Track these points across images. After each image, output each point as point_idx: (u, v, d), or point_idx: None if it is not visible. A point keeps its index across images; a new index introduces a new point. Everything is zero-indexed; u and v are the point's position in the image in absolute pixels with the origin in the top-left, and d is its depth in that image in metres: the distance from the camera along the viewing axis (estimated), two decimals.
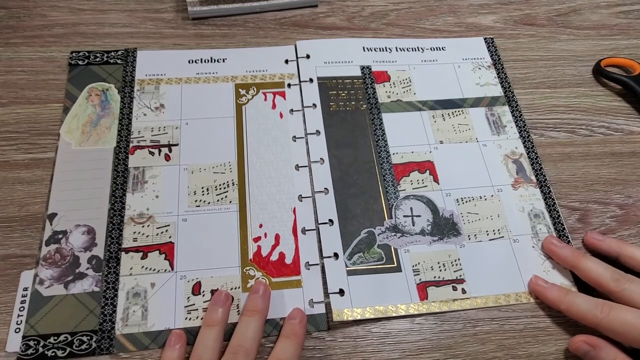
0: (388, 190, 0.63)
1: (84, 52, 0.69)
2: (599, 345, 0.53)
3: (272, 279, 0.56)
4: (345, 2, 0.82)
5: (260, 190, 0.61)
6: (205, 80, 0.69)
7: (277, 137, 0.66)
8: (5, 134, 0.64)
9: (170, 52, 0.71)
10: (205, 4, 0.75)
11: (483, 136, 0.69)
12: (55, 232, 0.56)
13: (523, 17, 0.83)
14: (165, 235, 0.57)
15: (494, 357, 0.55)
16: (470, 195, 0.64)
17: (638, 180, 0.68)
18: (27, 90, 0.67)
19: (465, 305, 0.57)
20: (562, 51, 0.79)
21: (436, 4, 0.83)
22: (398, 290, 0.57)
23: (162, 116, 0.65)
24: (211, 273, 0.56)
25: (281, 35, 0.76)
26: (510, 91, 0.73)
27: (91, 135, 0.63)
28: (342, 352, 0.54)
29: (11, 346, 0.51)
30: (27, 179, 0.61)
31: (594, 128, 0.72)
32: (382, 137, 0.67)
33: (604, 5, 0.86)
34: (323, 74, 0.71)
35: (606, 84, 0.77)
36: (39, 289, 0.53)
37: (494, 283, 0.59)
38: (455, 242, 0.61)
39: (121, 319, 0.53)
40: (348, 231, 0.60)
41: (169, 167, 0.62)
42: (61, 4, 0.76)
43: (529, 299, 0.58)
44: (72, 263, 0.55)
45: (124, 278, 0.55)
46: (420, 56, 0.75)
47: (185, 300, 0.54)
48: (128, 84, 0.67)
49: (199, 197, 0.60)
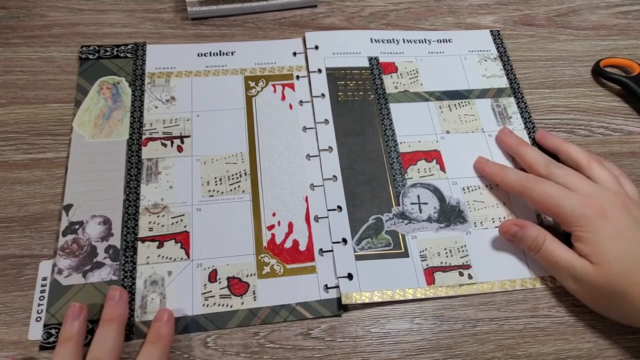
0: (395, 178, 0.67)
1: (94, 47, 0.73)
2: (526, 225, 0.61)
3: (287, 266, 0.61)
4: (344, 2, 0.84)
5: (272, 180, 0.66)
6: (214, 73, 0.73)
7: (287, 127, 0.70)
8: (4, 134, 0.66)
9: (179, 45, 0.75)
10: (204, 4, 0.77)
11: (489, 127, 0.73)
12: (71, 222, 0.61)
13: (522, 17, 0.85)
14: (180, 225, 0.62)
15: (493, 357, 0.57)
16: (476, 184, 0.68)
17: (637, 181, 0.70)
18: (27, 90, 0.70)
19: (471, 290, 0.61)
20: (561, 51, 0.82)
21: (435, 4, 0.86)
22: (405, 275, 0.61)
23: (174, 108, 0.69)
24: (227, 261, 0.60)
25: (280, 36, 0.79)
26: (516, 83, 0.77)
27: (104, 128, 0.67)
28: (341, 352, 0.57)
29: (33, 334, 0.55)
30: (26, 179, 0.64)
31: (593, 128, 0.75)
32: (390, 126, 0.71)
33: (603, 6, 0.88)
34: (331, 64, 0.76)
35: (605, 84, 0.79)
36: (57, 278, 0.57)
37: (499, 269, 0.63)
38: (461, 229, 0.65)
39: (140, 307, 0.57)
40: (356, 217, 0.64)
41: (182, 158, 0.66)
42: (60, 4, 0.78)
43: (534, 284, 0.61)
44: (90, 253, 0.59)
45: (141, 267, 0.59)
46: (427, 48, 0.79)
47: (202, 288, 0.58)
48: (139, 77, 0.71)
49: (212, 187, 0.64)
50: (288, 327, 0.57)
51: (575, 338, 0.59)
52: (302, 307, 0.58)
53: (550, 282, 0.62)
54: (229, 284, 0.59)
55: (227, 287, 0.59)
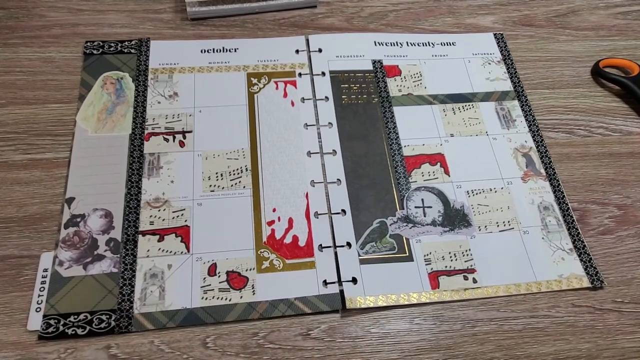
0: (399, 182, 0.69)
1: (98, 42, 0.75)
2: None
3: (287, 261, 0.62)
4: (344, 2, 0.86)
5: (273, 176, 0.68)
6: (217, 70, 0.75)
7: (288, 124, 0.72)
8: (3, 135, 0.68)
9: (183, 42, 0.78)
10: (204, 4, 0.79)
11: (493, 130, 0.74)
12: (73, 215, 0.62)
13: (522, 17, 0.88)
14: (181, 219, 0.64)
15: (493, 357, 0.59)
16: (481, 188, 0.70)
17: (637, 181, 0.72)
18: (26, 90, 0.71)
19: (476, 294, 0.62)
20: (560, 52, 0.84)
21: (435, 4, 0.88)
22: (410, 279, 0.63)
23: (176, 104, 0.72)
24: (226, 255, 0.62)
25: (280, 37, 0.80)
26: (519, 86, 0.79)
27: (107, 123, 0.69)
28: (341, 352, 0.58)
29: (32, 325, 0.56)
30: (25, 179, 0.65)
31: (592, 129, 0.77)
32: (394, 129, 0.73)
33: (603, 6, 0.90)
34: (335, 67, 0.78)
35: (604, 84, 0.81)
36: (58, 270, 0.59)
37: (504, 273, 0.64)
38: (466, 232, 0.66)
39: (139, 299, 0.59)
40: (360, 221, 0.66)
41: (184, 153, 0.68)
42: (60, 4, 0.80)
43: (539, 288, 0.62)
44: (91, 245, 0.61)
45: (141, 260, 0.61)
46: (430, 51, 0.81)
47: (201, 281, 0.60)
48: (142, 72, 0.73)
49: (213, 182, 0.66)
50: (288, 328, 0.59)
51: (574, 338, 0.60)
52: (300, 302, 0.60)
53: (555, 286, 0.63)
54: (228, 277, 0.61)
55: (227, 281, 0.60)
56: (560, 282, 0.63)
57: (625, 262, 0.66)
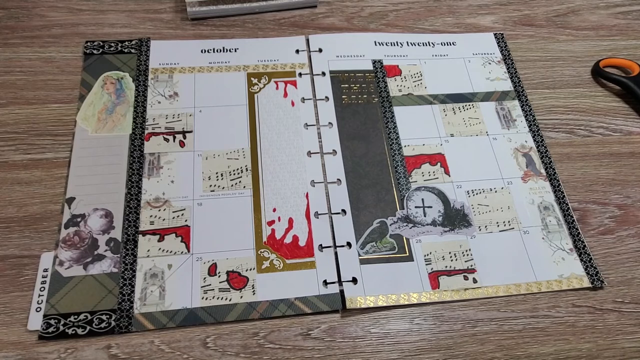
0: (400, 182, 0.70)
1: (99, 42, 0.77)
2: None
3: (287, 261, 0.64)
4: (344, 2, 0.87)
5: (273, 176, 0.69)
6: (217, 69, 0.76)
7: (289, 124, 0.73)
8: (3, 135, 0.69)
9: (183, 41, 0.79)
10: (204, 4, 0.81)
11: (493, 130, 0.76)
12: (73, 215, 0.64)
13: (522, 17, 0.89)
14: (181, 219, 0.65)
15: (493, 357, 0.60)
16: (481, 188, 0.71)
17: (637, 181, 0.73)
18: (26, 90, 0.72)
19: (476, 294, 0.63)
20: (560, 52, 0.85)
21: (435, 4, 0.89)
22: (410, 279, 0.64)
23: (176, 104, 0.73)
24: (227, 255, 0.63)
25: (280, 36, 0.82)
26: (520, 86, 0.80)
27: (107, 123, 0.70)
28: (341, 352, 0.59)
29: (32, 324, 0.57)
30: (25, 179, 0.66)
31: (592, 128, 0.78)
32: (394, 129, 0.74)
33: (603, 6, 0.91)
34: (335, 67, 0.79)
35: (605, 84, 0.82)
36: (58, 269, 0.60)
37: (504, 273, 0.65)
38: (466, 232, 0.67)
39: (139, 299, 0.60)
40: (360, 221, 0.67)
41: (184, 153, 0.69)
42: (60, 4, 0.81)
43: (539, 288, 0.64)
44: (91, 245, 0.62)
45: (141, 260, 0.62)
46: (431, 51, 0.83)
47: (201, 281, 0.61)
48: (142, 72, 0.75)
49: (214, 182, 0.68)
50: (288, 328, 0.60)
51: (575, 338, 0.61)
52: (300, 302, 0.61)
53: (556, 286, 0.64)
54: (229, 277, 0.62)
55: (227, 281, 0.62)
56: (561, 282, 0.64)
57: (625, 262, 0.67)
